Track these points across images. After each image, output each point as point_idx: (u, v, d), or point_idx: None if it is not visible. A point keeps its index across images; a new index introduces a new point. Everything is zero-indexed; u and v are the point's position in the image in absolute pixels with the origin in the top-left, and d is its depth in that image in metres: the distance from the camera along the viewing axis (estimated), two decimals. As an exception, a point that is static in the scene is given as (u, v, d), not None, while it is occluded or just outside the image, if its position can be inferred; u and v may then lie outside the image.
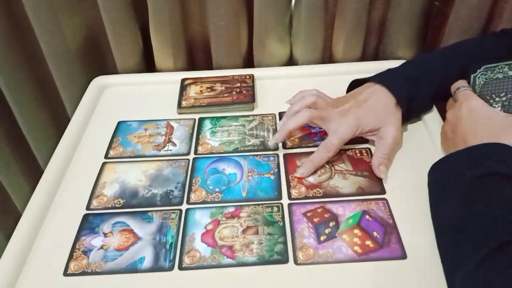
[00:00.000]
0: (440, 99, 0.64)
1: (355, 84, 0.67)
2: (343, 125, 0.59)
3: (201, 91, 0.75)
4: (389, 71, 0.66)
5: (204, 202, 0.57)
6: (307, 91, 0.65)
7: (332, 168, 0.60)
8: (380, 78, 0.64)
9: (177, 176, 0.61)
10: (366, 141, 0.64)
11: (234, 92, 0.74)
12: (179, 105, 0.72)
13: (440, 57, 0.66)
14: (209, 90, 0.75)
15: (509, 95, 0.55)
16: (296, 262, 0.50)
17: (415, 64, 0.67)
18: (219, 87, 0.75)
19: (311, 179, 0.59)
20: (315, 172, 0.60)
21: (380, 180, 0.58)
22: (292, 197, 0.57)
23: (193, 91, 0.75)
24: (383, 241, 0.51)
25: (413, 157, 0.62)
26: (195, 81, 0.77)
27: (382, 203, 0.55)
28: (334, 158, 0.61)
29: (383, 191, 0.57)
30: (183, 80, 0.78)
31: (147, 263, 0.51)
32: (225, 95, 0.74)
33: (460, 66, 0.62)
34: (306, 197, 0.57)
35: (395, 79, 0.63)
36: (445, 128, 0.58)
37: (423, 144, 0.64)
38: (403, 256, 0.50)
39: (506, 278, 0.38)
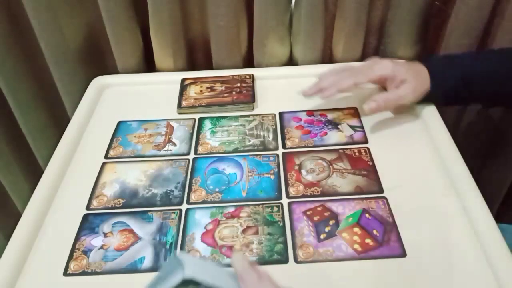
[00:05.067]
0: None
1: None
2: (378, 64, 0.65)
3: (201, 91, 0.75)
4: (445, 64, 0.66)
5: (204, 202, 0.57)
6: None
7: (331, 166, 0.60)
8: (432, 66, 0.64)
9: (177, 176, 0.61)
10: (366, 141, 0.64)
11: (234, 92, 0.74)
12: (179, 105, 0.72)
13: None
14: (209, 90, 0.75)
15: None
16: (296, 260, 0.50)
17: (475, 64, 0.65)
18: (219, 87, 0.75)
19: (310, 178, 0.59)
20: (313, 170, 0.60)
21: (378, 179, 0.58)
22: (290, 195, 0.57)
23: (193, 91, 0.75)
24: (382, 239, 0.51)
25: (412, 157, 0.62)
26: (195, 81, 0.77)
27: (382, 201, 0.55)
28: (333, 156, 0.62)
29: (381, 190, 0.57)
30: (183, 80, 0.78)
31: (147, 263, 0.51)
32: (225, 95, 0.74)
33: None
34: (304, 196, 0.57)
35: (446, 80, 0.63)
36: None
37: (423, 143, 0.63)
38: (403, 254, 0.50)
39: None
